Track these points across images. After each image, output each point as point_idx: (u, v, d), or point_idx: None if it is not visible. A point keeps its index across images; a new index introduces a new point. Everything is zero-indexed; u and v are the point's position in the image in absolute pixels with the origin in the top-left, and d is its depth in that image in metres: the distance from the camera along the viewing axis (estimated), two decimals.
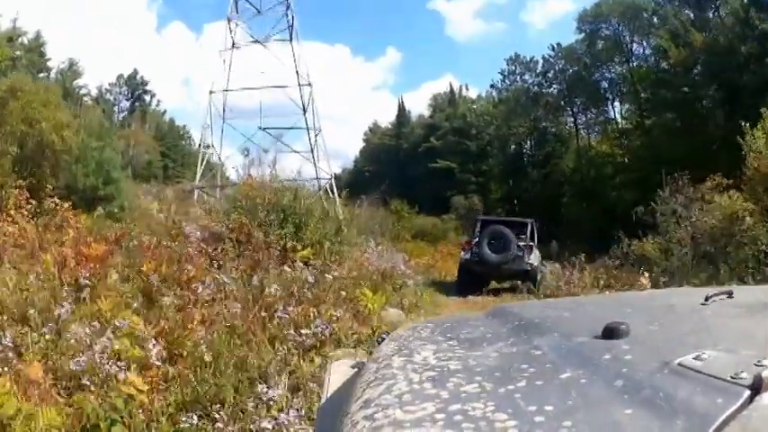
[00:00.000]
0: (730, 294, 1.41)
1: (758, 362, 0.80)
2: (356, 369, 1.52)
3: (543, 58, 55.11)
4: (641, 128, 44.85)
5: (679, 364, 0.87)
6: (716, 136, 34.19)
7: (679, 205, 15.33)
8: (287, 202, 12.14)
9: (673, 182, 15.96)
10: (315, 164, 35.81)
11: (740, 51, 33.54)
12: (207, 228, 12.24)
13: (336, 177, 73.94)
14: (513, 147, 56.73)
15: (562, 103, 53.70)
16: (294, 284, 8.72)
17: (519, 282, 16.52)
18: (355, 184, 58.67)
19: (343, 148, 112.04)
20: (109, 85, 59.98)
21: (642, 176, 37.25)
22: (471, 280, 17.05)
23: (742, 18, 34.64)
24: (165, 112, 64.98)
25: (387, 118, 75.68)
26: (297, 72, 35.28)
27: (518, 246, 17.74)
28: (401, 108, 71.87)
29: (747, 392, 0.74)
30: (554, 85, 54.93)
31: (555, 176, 49.92)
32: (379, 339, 1.78)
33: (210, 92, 35.70)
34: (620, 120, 50.96)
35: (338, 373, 1.60)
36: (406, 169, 58.87)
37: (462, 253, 19.18)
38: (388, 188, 48.15)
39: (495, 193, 54.80)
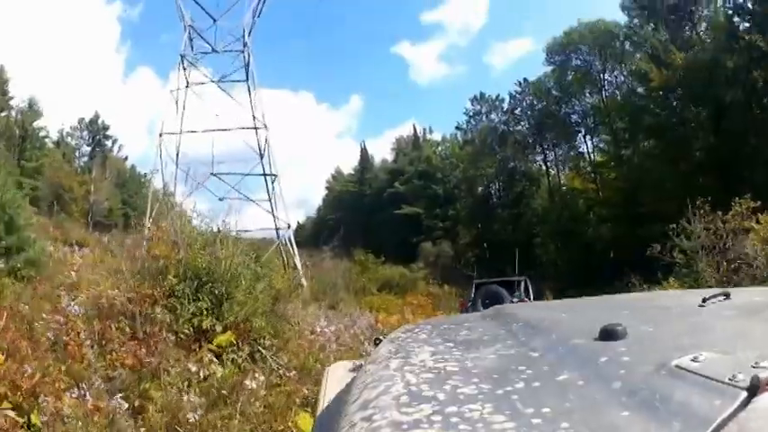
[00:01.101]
0: (727, 296, 1.39)
1: (755, 363, 0.79)
2: (354, 371, 1.53)
3: (510, 94, 53.46)
4: (617, 159, 42.51)
5: (676, 366, 0.86)
6: (700, 159, 32.05)
7: (708, 237, 12.58)
8: (203, 265, 8.82)
9: (697, 209, 13.23)
10: (273, 212, 32.77)
11: (725, 65, 31.49)
12: (105, 297, 8.96)
13: (300, 227, 71.98)
14: (480, 189, 54.56)
15: (531, 140, 51.51)
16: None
17: None
18: (319, 233, 57.08)
19: (307, 197, 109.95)
20: (70, 128, 56.85)
21: (620, 211, 35.49)
22: None
23: (726, 29, 32.74)
24: (126, 158, 61.55)
25: (350, 165, 73.50)
26: (253, 114, 32.60)
27: (512, 302, 16.33)
28: (364, 153, 70.06)
29: (744, 394, 0.72)
30: (522, 123, 53.15)
31: (527, 217, 47.80)
32: (377, 341, 1.68)
33: (161, 134, 32.25)
34: (593, 153, 48.78)
35: (335, 375, 1.63)
36: (371, 217, 56.94)
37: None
38: (352, 237, 45.75)
39: (464, 238, 52.48)
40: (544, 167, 52.17)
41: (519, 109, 53.01)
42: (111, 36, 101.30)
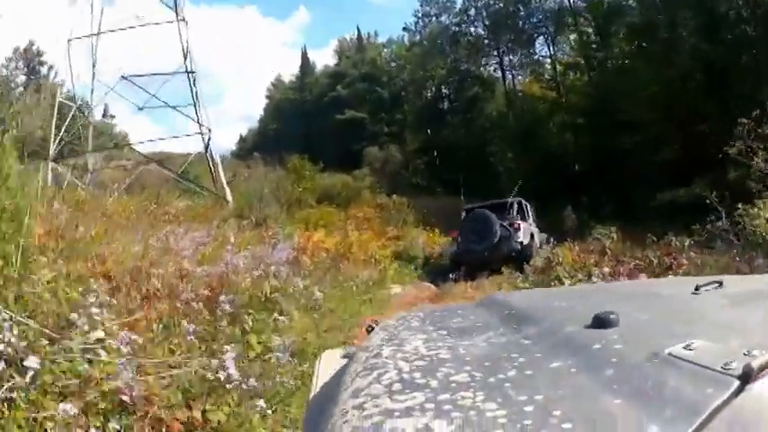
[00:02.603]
0: (720, 284, 1.38)
1: (748, 352, 0.79)
2: (347, 359, 1.48)
3: None
4: (587, 62, 39.03)
5: (669, 354, 0.86)
6: (690, 66, 26.94)
7: None
8: None
9: None
10: (198, 119, 27.41)
11: None
12: None
13: (243, 140, 65.71)
14: (429, 92, 50.54)
15: (486, 42, 47.64)
16: None
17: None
18: (262, 144, 54.56)
19: (253, 112, 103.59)
20: (5, 59, 49.09)
21: (589, 119, 31.62)
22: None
23: None
24: (63, 83, 54.39)
25: (292, 73, 67.95)
26: (176, 7, 28.64)
27: (503, 226, 16.91)
28: (304, 59, 64.94)
29: (737, 382, 0.73)
30: (476, 24, 49.46)
31: (479, 122, 45.36)
32: (369, 329, 1.59)
33: (69, 40, 29.15)
34: (554, 58, 44.39)
35: (328, 362, 1.55)
36: (312, 124, 53.03)
37: (449, 247, 19.36)
38: (292, 145, 40.74)
39: (411, 144, 49.04)
40: (500, 72, 48.86)
41: (473, 9, 48.25)
42: None
